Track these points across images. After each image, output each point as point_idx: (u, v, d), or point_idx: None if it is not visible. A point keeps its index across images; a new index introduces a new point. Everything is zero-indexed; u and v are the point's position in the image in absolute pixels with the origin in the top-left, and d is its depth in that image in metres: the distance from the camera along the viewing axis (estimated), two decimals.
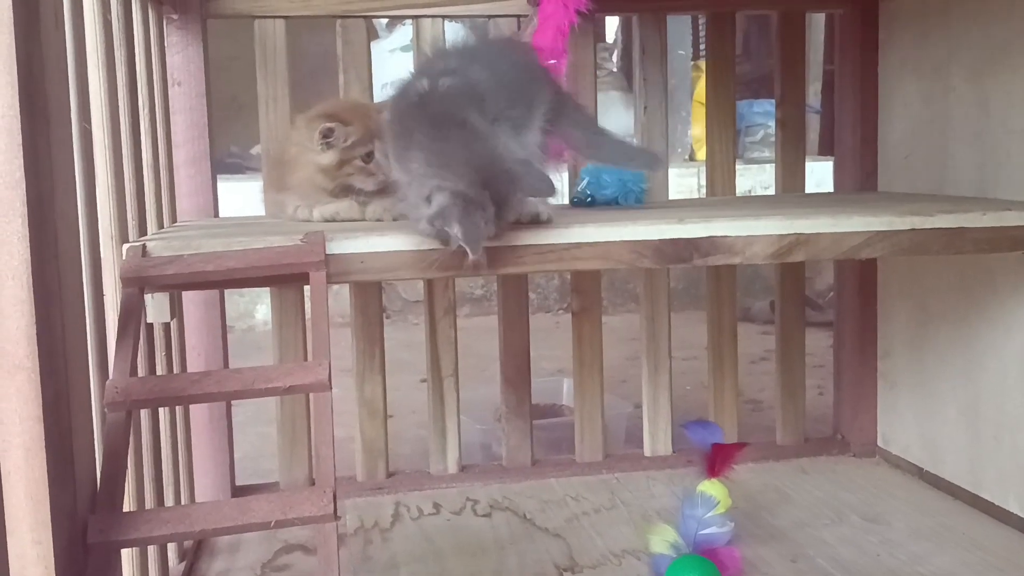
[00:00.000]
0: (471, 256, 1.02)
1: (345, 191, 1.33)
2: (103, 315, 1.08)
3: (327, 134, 1.30)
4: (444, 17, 1.67)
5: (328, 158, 1.31)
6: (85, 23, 1.06)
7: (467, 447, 1.78)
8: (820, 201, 1.54)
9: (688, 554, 1.26)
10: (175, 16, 1.54)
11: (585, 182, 1.56)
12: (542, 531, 1.53)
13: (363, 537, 1.53)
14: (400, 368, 2.25)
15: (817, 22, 4.08)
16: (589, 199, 1.54)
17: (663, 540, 1.28)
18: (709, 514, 1.29)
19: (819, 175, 2.68)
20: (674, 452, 1.81)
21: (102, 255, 1.09)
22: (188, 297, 1.55)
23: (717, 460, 1.41)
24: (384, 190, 1.35)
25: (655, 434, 1.81)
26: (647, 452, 1.81)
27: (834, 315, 1.91)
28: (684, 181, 3.52)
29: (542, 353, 2.05)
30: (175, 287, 1.12)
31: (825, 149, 3.82)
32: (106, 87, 1.11)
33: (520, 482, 1.74)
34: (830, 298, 2.57)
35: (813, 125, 4.04)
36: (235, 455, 1.68)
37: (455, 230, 1.01)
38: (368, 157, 1.33)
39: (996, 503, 1.51)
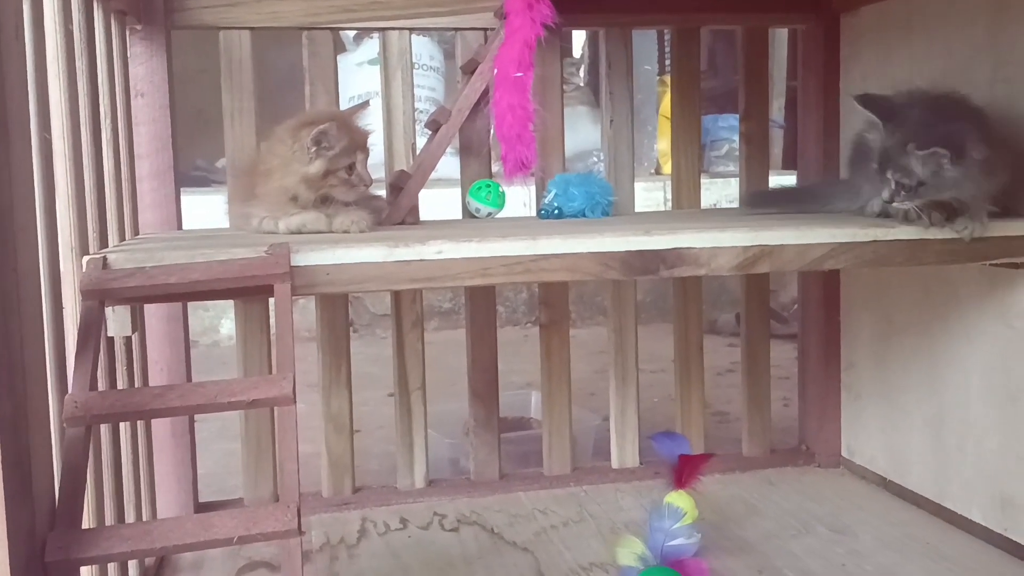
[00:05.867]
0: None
1: (322, 202, 1.32)
2: (62, 329, 1.06)
3: (320, 139, 1.29)
4: (411, 30, 1.67)
5: (316, 167, 1.30)
6: (46, 33, 1.04)
7: (435, 461, 1.77)
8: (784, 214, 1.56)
9: (656, 566, 1.26)
10: (139, 27, 1.52)
11: (553, 194, 1.57)
12: (510, 545, 1.53)
13: (329, 553, 1.51)
14: (368, 383, 2.23)
15: (780, 38, 4.13)
16: (557, 211, 1.55)
17: (631, 552, 1.28)
18: (676, 526, 1.29)
19: None
20: (642, 464, 1.81)
21: (62, 268, 1.07)
22: (150, 310, 1.53)
23: (684, 471, 1.41)
24: (355, 201, 1.35)
25: (623, 446, 1.81)
26: (615, 464, 1.81)
27: (799, 327, 1.93)
28: (650, 194, 3.54)
29: (511, 366, 2.05)
30: (137, 300, 1.11)
31: (789, 163, 3.86)
32: (67, 97, 1.10)
33: (488, 496, 1.73)
34: (795, 311, 2.59)
35: (777, 140, 4.08)
36: (199, 472, 1.66)
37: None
38: (350, 169, 1.33)
39: (960, 512, 1.53)
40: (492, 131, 1.61)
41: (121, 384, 1.28)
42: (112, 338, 1.19)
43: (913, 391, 1.63)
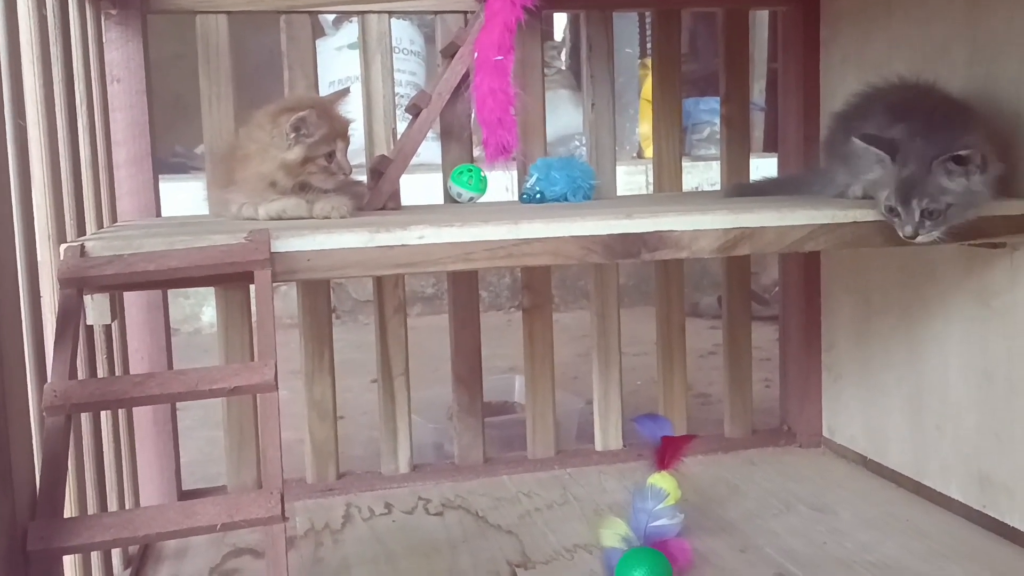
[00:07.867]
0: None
1: (301, 188, 1.31)
2: (40, 317, 1.05)
3: (299, 126, 1.28)
4: (391, 13, 1.66)
5: (294, 154, 1.29)
6: (19, 18, 1.03)
7: (419, 446, 1.77)
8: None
9: (639, 547, 1.27)
10: (114, 11, 1.50)
11: (535, 178, 1.56)
12: (495, 528, 1.53)
13: (313, 539, 1.51)
14: (351, 369, 2.23)
15: (761, 20, 4.13)
16: (539, 195, 1.54)
17: (614, 533, 1.29)
18: (659, 507, 1.30)
19: (764, 171, 2.70)
20: (625, 446, 1.82)
21: (39, 256, 1.06)
22: (130, 298, 1.52)
23: (667, 453, 1.42)
24: (335, 188, 1.34)
25: (606, 429, 1.82)
26: (598, 447, 1.82)
27: (780, 309, 1.94)
28: (632, 178, 3.54)
29: (494, 351, 2.05)
30: (115, 288, 1.10)
31: (770, 146, 3.87)
32: (41, 84, 1.08)
33: (472, 480, 1.74)
34: (776, 293, 2.61)
35: (758, 122, 4.08)
36: (182, 460, 1.65)
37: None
38: (330, 157, 1.32)
39: (939, 490, 1.55)
40: (473, 115, 1.60)
41: (101, 373, 1.27)
42: (91, 327, 1.18)
43: (892, 371, 1.64)
